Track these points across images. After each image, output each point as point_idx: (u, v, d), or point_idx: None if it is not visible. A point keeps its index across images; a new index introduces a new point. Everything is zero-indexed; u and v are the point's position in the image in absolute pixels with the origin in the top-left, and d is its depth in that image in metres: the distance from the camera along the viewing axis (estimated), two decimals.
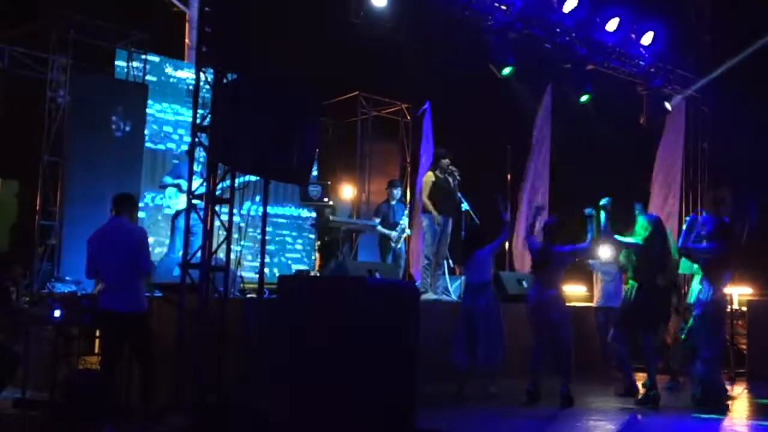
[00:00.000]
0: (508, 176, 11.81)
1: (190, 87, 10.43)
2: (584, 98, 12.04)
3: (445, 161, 9.57)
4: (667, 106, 13.29)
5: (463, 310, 7.95)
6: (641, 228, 7.70)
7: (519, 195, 12.10)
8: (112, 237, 6.42)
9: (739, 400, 8.45)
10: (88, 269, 6.49)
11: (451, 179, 9.57)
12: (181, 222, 8.88)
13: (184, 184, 8.87)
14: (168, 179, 9.14)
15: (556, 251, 7.65)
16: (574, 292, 11.43)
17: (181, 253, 7.45)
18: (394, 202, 11.02)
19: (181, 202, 8.97)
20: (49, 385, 6.59)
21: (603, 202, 7.76)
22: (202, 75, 7.21)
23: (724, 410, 7.41)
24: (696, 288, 7.93)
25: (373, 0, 9.42)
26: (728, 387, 9.03)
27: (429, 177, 9.56)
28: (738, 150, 13.16)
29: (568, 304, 8.39)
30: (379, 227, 10.75)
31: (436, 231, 9.48)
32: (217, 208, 7.08)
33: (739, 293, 10.88)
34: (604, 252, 9.38)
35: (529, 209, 12.05)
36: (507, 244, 11.75)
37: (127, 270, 6.35)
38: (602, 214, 7.70)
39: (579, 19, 11.35)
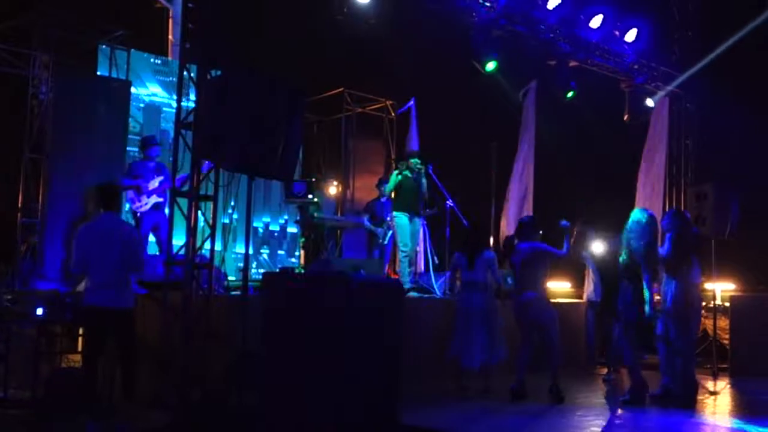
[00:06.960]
0: (493, 173, 11.82)
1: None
2: (569, 94, 12.08)
3: (412, 161, 9.59)
4: (649, 102, 13.37)
5: (463, 307, 7.91)
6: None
7: (505, 191, 12.11)
8: (104, 233, 6.30)
9: (721, 395, 8.49)
10: (76, 264, 6.32)
11: (416, 176, 9.57)
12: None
13: (146, 184, 8.82)
14: (126, 181, 8.86)
15: (534, 249, 7.62)
16: (559, 288, 11.43)
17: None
18: (383, 200, 11.12)
19: (143, 203, 8.89)
20: (31, 384, 6.55)
21: (562, 223, 7.74)
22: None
23: (693, 404, 7.48)
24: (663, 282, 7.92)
25: None
26: (711, 382, 9.13)
27: (393, 175, 9.64)
28: (721, 146, 13.25)
29: (553, 300, 8.34)
30: (367, 223, 10.87)
31: (406, 226, 9.53)
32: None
33: (722, 289, 10.92)
34: (597, 247, 9.30)
35: (516, 206, 12.07)
36: (492, 240, 11.80)
37: (119, 266, 6.26)
38: (565, 237, 7.70)
39: (563, 16, 11.39)
